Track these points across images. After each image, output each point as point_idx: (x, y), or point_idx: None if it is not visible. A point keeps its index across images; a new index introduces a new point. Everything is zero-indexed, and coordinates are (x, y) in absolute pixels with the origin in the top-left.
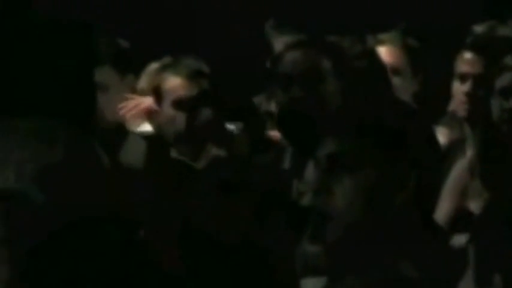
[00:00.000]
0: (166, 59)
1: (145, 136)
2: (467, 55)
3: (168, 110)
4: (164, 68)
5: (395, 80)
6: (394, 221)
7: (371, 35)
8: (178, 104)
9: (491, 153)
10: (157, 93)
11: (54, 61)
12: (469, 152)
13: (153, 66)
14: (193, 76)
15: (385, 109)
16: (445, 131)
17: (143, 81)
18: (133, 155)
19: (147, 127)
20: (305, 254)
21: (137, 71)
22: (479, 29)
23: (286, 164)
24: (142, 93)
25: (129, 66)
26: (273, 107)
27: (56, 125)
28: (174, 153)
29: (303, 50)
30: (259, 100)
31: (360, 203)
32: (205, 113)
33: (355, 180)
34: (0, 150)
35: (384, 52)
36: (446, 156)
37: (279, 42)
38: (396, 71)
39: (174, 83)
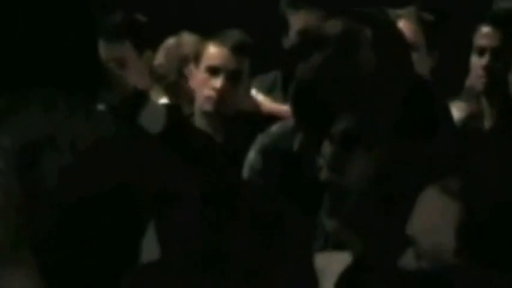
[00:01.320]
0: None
1: (166, 105)
2: (486, 29)
3: (202, 74)
4: (209, 37)
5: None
6: (407, 196)
7: (389, 10)
8: (214, 71)
9: (508, 126)
10: (196, 57)
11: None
12: (487, 124)
13: (172, 40)
14: (236, 49)
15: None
16: (462, 105)
17: (160, 57)
18: (152, 124)
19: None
20: (323, 228)
21: (155, 47)
22: (500, 3)
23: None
24: (160, 67)
25: (147, 42)
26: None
27: (69, 95)
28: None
29: (342, 18)
30: (274, 76)
31: (375, 178)
32: (237, 90)
33: (371, 156)
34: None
35: (400, 27)
36: (464, 129)
37: (295, 18)
38: (412, 47)
39: (216, 51)
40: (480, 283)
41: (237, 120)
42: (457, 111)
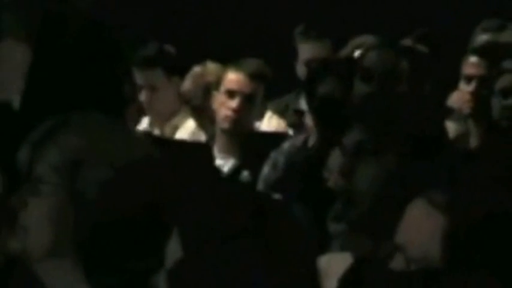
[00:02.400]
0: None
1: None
2: (473, 59)
3: (222, 97)
4: (230, 64)
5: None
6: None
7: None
8: (232, 94)
9: (492, 145)
10: (218, 83)
11: (93, 65)
12: (473, 144)
13: (198, 68)
14: (252, 75)
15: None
16: (452, 125)
17: (187, 83)
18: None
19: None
20: (328, 233)
21: (182, 74)
22: (482, 35)
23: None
24: (188, 92)
25: (175, 70)
26: (301, 104)
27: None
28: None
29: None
30: (288, 99)
31: (381, 186)
32: (251, 111)
33: (378, 165)
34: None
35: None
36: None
37: (304, 48)
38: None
39: (234, 76)
40: (463, 285)
41: (252, 138)
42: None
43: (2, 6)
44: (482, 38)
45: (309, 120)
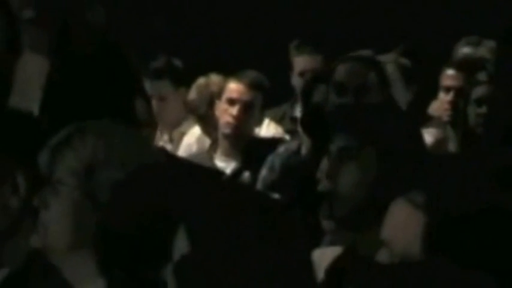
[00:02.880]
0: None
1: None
2: (450, 71)
3: (224, 105)
4: (231, 76)
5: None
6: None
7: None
8: (232, 102)
9: (468, 150)
10: (220, 92)
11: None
12: (451, 149)
13: (202, 79)
14: (251, 85)
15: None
16: (432, 131)
17: (193, 93)
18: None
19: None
20: (320, 229)
21: (188, 85)
22: (460, 50)
23: (305, 158)
24: (193, 101)
25: (182, 81)
26: (297, 112)
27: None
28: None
29: (352, 64)
30: (284, 108)
31: (363, 188)
32: (250, 118)
33: (359, 169)
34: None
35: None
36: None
37: (298, 60)
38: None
39: (234, 86)
40: (442, 275)
41: (252, 142)
42: (427, 136)
43: (22, 22)
44: (463, 52)
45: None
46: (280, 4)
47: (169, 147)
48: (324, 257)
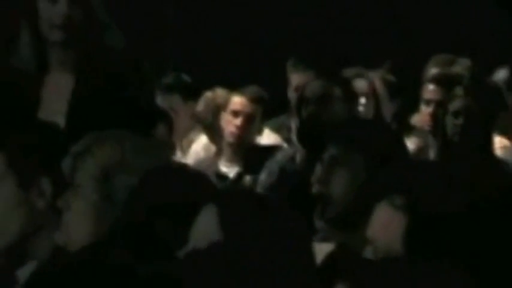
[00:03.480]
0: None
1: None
2: (431, 86)
3: (228, 116)
4: (235, 90)
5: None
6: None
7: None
8: (236, 113)
9: (447, 157)
10: (225, 105)
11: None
12: (432, 155)
13: (209, 93)
14: (253, 99)
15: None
16: (415, 140)
17: (200, 105)
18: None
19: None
20: (315, 228)
21: (196, 98)
22: (433, 68)
23: (299, 164)
24: (201, 113)
25: (190, 95)
26: (292, 123)
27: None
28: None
29: (319, 81)
30: (282, 119)
31: (351, 191)
32: (251, 128)
33: (348, 175)
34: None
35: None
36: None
37: (294, 77)
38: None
39: (238, 99)
40: (421, 269)
41: (253, 150)
42: (410, 144)
43: (49, 44)
44: (433, 70)
45: (295, 137)
46: (279, 26)
47: (179, 153)
48: (319, 250)
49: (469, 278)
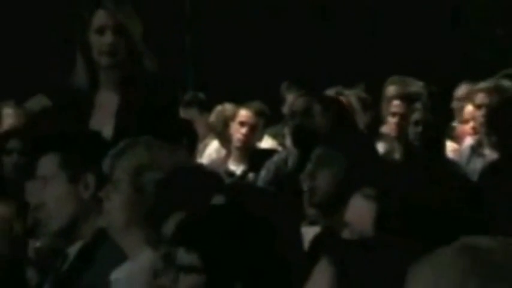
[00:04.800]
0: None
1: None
2: (396, 102)
3: (236, 126)
4: (242, 105)
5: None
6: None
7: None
8: (242, 124)
9: (409, 159)
10: (233, 116)
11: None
12: (397, 157)
13: (220, 107)
14: (256, 112)
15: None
16: (383, 145)
17: (213, 117)
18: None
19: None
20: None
21: (209, 111)
22: (391, 86)
23: (291, 163)
24: (213, 122)
25: (205, 109)
26: (286, 131)
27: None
28: None
29: (304, 98)
30: (278, 128)
31: (334, 184)
32: (254, 135)
33: (331, 171)
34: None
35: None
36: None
37: (289, 97)
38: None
39: (244, 112)
40: (387, 247)
41: (255, 152)
42: (379, 148)
43: (99, 67)
44: (394, 88)
45: (288, 142)
46: (277, 58)
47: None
48: (307, 234)
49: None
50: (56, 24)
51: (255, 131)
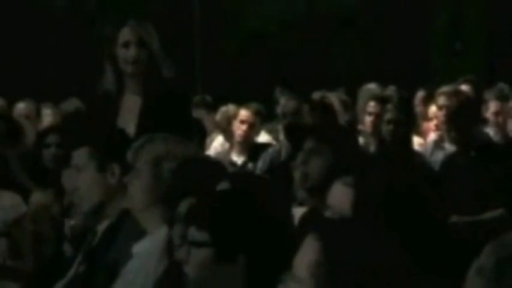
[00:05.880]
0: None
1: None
2: (372, 103)
3: (237, 124)
4: (242, 105)
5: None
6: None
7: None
8: (242, 122)
9: (381, 151)
10: (235, 115)
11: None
12: (372, 150)
13: (224, 108)
14: (254, 112)
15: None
16: (361, 139)
17: (218, 116)
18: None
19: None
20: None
21: (215, 111)
22: (372, 92)
23: (283, 155)
24: (219, 120)
25: (211, 109)
26: (279, 128)
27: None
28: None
29: (294, 101)
30: (273, 125)
31: (322, 172)
32: (253, 131)
33: (320, 160)
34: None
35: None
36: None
37: (282, 100)
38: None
39: (244, 111)
40: (363, 225)
41: (254, 146)
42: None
43: (125, 74)
44: (368, 91)
45: (281, 137)
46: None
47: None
48: (296, 213)
49: (395, 233)
50: (85, 42)
51: (253, 128)
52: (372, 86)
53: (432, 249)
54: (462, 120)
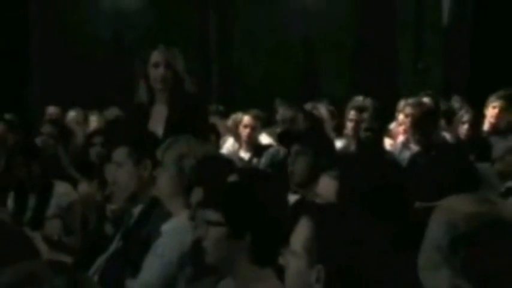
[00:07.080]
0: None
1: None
2: (352, 112)
3: (242, 128)
4: (246, 112)
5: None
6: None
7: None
8: (246, 126)
9: (361, 150)
10: (241, 120)
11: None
12: (352, 149)
13: (233, 115)
14: (255, 117)
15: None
16: (344, 141)
17: (229, 122)
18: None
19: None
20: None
21: (227, 117)
22: (358, 100)
23: (282, 154)
24: (229, 125)
25: (224, 116)
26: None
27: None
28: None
29: (289, 110)
30: (273, 128)
31: (308, 168)
32: (256, 134)
33: (305, 160)
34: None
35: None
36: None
37: (280, 108)
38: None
39: (247, 117)
40: (347, 210)
41: (257, 147)
42: (340, 143)
43: (155, 89)
44: (350, 103)
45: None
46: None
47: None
48: (290, 199)
49: (373, 215)
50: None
51: (255, 130)
52: (358, 98)
53: (402, 228)
54: (423, 126)
